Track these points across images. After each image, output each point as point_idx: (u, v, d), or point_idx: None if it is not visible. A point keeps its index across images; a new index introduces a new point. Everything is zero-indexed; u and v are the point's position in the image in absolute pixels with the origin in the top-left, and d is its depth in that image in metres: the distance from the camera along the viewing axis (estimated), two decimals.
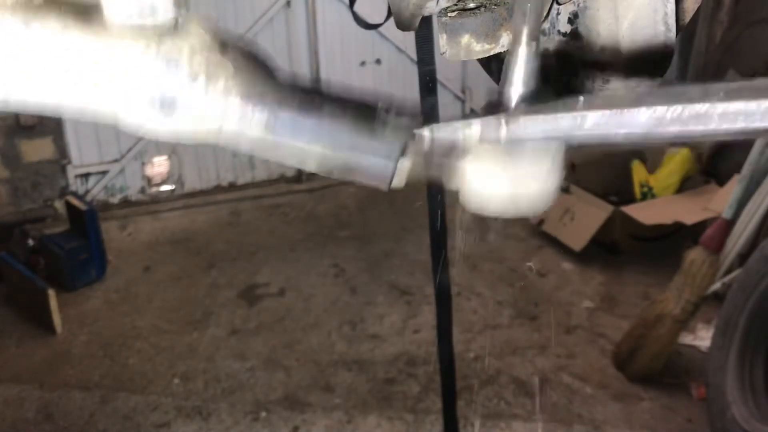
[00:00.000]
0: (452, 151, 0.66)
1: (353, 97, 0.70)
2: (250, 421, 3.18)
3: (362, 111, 0.66)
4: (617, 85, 0.81)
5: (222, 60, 0.62)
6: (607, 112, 0.56)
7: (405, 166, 0.66)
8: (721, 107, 0.53)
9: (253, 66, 0.65)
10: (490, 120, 0.60)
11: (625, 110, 0.55)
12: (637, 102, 0.55)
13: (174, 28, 0.62)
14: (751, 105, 0.52)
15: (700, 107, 0.53)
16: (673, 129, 0.54)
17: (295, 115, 0.64)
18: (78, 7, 0.62)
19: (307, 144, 0.65)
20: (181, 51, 0.61)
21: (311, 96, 0.65)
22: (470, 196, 0.68)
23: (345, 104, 0.66)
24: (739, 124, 0.53)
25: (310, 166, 0.66)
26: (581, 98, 0.58)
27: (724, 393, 2.85)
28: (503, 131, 0.60)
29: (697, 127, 0.54)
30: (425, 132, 0.64)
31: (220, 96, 0.62)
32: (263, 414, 3.22)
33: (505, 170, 0.66)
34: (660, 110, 0.54)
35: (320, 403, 3.28)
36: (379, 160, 0.65)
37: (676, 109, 0.54)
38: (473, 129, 0.61)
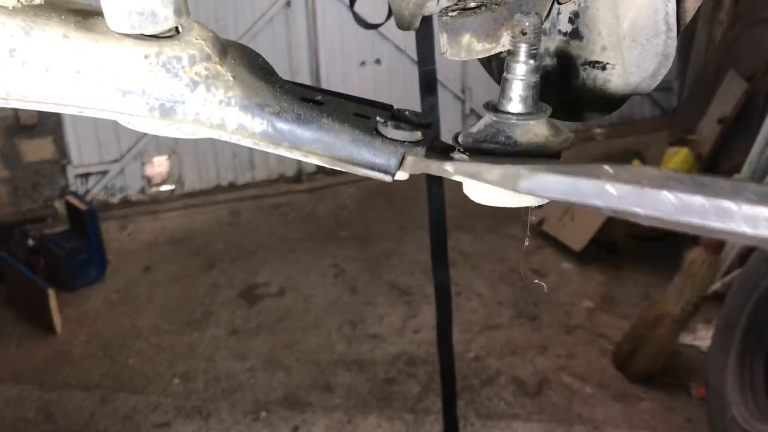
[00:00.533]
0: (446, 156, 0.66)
1: (353, 106, 0.70)
2: (250, 421, 3.18)
3: (361, 124, 0.66)
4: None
5: (221, 70, 0.63)
6: (629, 187, 0.55)
7: (407, 161, 0.66)
8: (748, 210, 0.51)
9: (253, 75, 0.65)
10: (511, 169, 0.60)
11: (648, 189, 0.54)
12: (663, 184, 0.54)
13: (174, 37, 0.62)
14: None
15: (727, 205, 0.51)
16: (693, 219, 0.52)
17: (293, 126, 0.64)
18: (79, 14, 0.62)
19: (306, 153, 0.65)
20: (181, 60, 0.61)
21: (310, 107, 0.66)
22: (472, 189, 0.68)
23: (344, 116, 0.66)
24: (762, 231, 0.51)
25: (313, 162, 0.67)
26: (606, 167, 0.57)
27: (724, 393, 2.85)
28: (521, 184, 0.60)
29: (717, 224, 0.52)
30: (447, 166, 0.64)
31: (218, 106, 0.62)
32: (263, 414, 3.22)
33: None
34: (684, 198, 0.53)
35: (320, 403, 3.28)
36: (380, 160, 0.66)
37: (701, 200, 0.52)
38: (493, 174, 0.61)
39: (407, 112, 0.70)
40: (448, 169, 0.64)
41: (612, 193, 0.56)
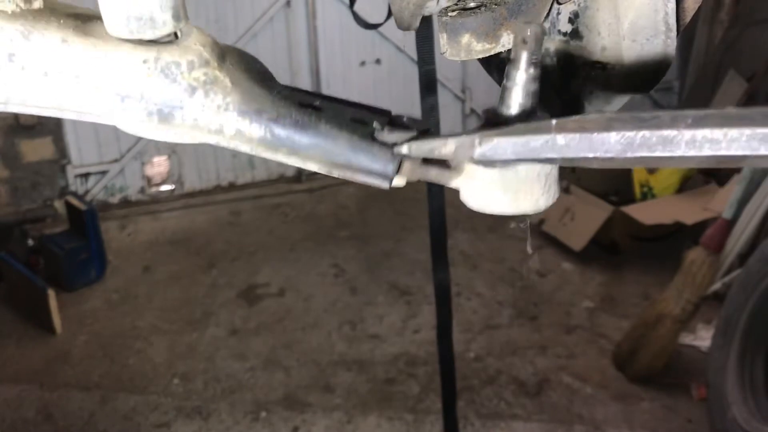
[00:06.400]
0: (443, 163, 0.67)
1: (351, 112, 0.70)
2: (250, 421, 3.18)
3: (359, 129, 0.66)
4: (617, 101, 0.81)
5: (219, 75, 0.63)
6: (577, 135, 0.58)
7: (405, 167, 0.66)
8: (688, 134, 0.55)
9: (251, 81, 0.65)
10: (465, 139, 0.62)
11: (595, 134, 0.57)
12: (608, 127, 0.57)
13: (173, 42, 0.62)
14: (717, 133, 0.54)
15: (668, 133, 0.55)
16: (641, 153, 0.56)
17: (291, 132, 0.64)
18: (78, 18, 0.62)
19: (303, 159, 0.65)
20: (179, 66, 0.61)
21: (308, 113, 0.66)
22: (470, 196, 0.68)
23: (341, 122, 0.66)
24: (706, 152, 0.54)
25: (310, 168, 0.67)
26: (554, 121, 0.60)
27: (725, 393, 2.85)
28: (477, 151, 0.61)
29: (664, 153, 0.56)
30: (404, 149, 0.65)
31: (216, 111, 0.62)
32: (263, 414, 3.22)
33: (502, 176, 0.66)
34: (629, 135, 0.56)
35: (320, 403, 3.28)
36: (378, 166, 0.66)
37: (644, 135, 0.56)
38: (448, 147, 0.63)
39: (405, 118, 0.69)
40: (404, 151, 0.65)
41: (562, 143, 0.59)
